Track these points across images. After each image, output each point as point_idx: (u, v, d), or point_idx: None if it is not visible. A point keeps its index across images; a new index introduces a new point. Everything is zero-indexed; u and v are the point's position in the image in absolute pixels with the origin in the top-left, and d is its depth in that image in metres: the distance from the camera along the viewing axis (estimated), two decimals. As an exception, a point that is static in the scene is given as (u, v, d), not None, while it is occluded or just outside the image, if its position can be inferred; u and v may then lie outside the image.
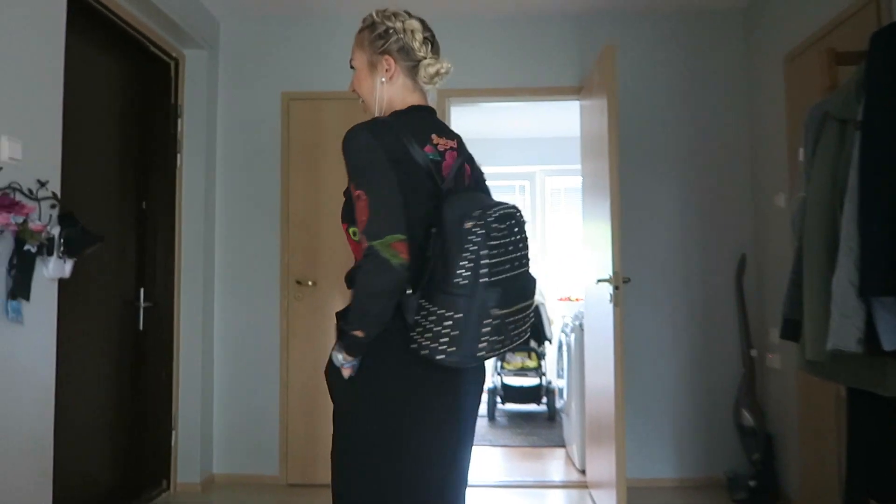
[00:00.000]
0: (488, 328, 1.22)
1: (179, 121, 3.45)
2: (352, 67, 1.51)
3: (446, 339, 1.21)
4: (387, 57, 1.45)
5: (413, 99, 1.47)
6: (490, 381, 5.24)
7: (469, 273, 1.21)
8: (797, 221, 2.03)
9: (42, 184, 2.14)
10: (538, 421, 5.10)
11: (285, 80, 3.66)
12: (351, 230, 1.37)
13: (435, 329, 1.23)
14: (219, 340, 3.60)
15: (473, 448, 1.49)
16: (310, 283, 3.58)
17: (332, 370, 1.36)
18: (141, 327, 3.19)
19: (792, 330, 2.04)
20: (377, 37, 1.45)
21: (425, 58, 1.48)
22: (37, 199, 2.10)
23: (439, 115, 3.63)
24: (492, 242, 1.23)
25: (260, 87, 3.68)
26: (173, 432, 3.34)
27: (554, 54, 3.63)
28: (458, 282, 1.21)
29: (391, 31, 1.45)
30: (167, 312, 3.35)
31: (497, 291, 1.23)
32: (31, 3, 2.13)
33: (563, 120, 5.48)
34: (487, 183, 1.56)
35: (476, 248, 1.22)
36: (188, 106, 3.49)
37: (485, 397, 5.20)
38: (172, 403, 3.35)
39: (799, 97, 2.91)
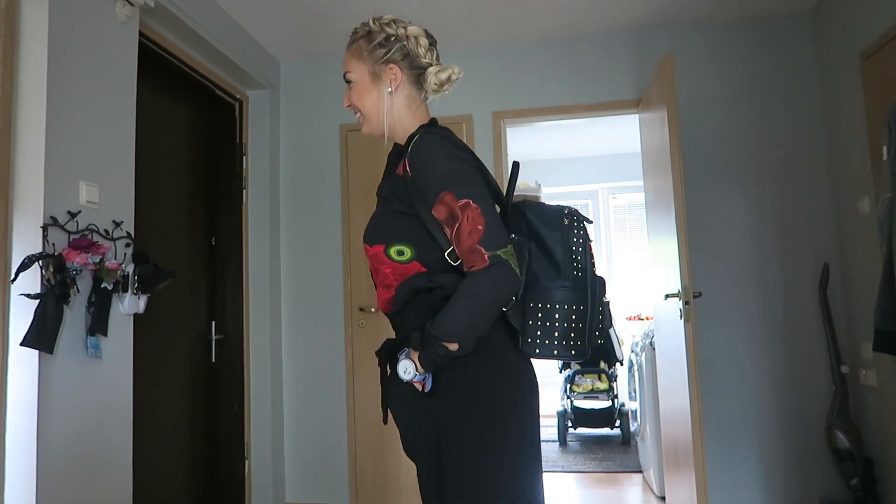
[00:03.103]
0: (600, 316, 1.28)
1: (244, 158, 3.58)
2: (347, 81, 1.41)
3: (568, 334, 1.25)
4: (391, 65, 1.36)
5: (422, 112, 1.41)
6: (560, 405, 5.10)
7: (581, 266, 1.28)
8: (884, 224, 1.88)
9: (117, 224, 2.25)
10: (612, 445, 4.91)
11: (343, 113, 3.75)
12: (394, 250, 1.28)
13: (556, 326, 1.25)
14: (287, 370, 3.66)
15: (543, 474, 1.43)
16: (372, 309, 3.60)
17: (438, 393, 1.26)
18: (213, 359, 3.29)
19: (887, 342, 1.88)
20: (377, 45, 1.36)
21: (431, 64, 1.38)
22: (112, 239, 2.21)
23: (493, 137, 3.66)
24: (585, 236, 1.30)
25: (319, 121, 3.78)
26: (246, 462, 3.41)
27: (609, 69, 3.57)
28: (577, 275, 1.27)
29: (393, 38, 1.35)
30: (238, 344, 3.44)
31: (602, 280, 1.30)
32: (106, 56, 2.27)
33: (624, 136, 5.37)
34: (548, 202, 1.57)
35: (581, 241, 1.29)
36: (252, 143, 3.62)
37: (554, 421, 5.07)
38: (245, 434, 3.42)
39: (880, 95, 2.73)
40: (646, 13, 3.38)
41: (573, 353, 1.24)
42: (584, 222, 1.31)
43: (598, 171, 6.14)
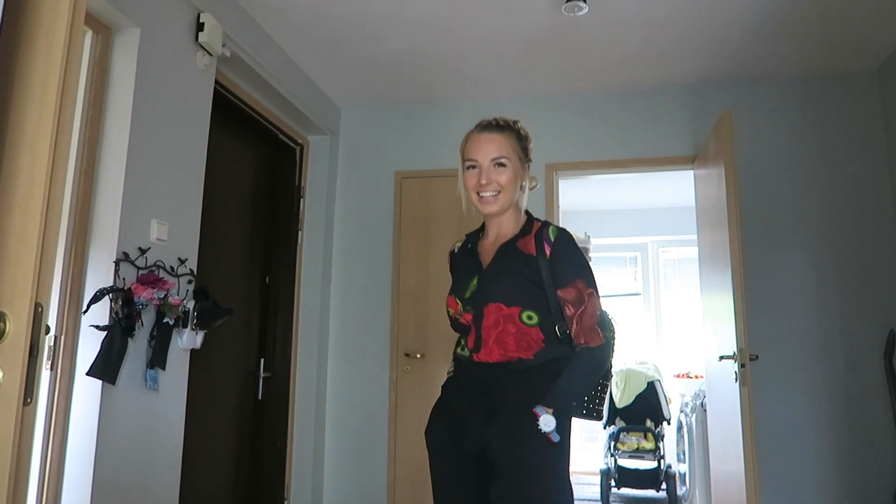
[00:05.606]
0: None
1: (302, 201, 3.69)
2: (501, 165, 1.62)
3: (603, 404, 1.65)
4: (527, 165, 1.68)
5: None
6: (603, 463, 4.93)
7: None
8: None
9: (182, 261, 2.34)
10: (658, 510, 4.70)
11: (399, 160, 3.84)
12: (525, 314, 1.55)
13: (601, 396, 1.65)
14: (330, 411, 3.67)
15: None
16: (418, 355, 3.60)
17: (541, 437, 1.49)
18: (260, 396, 3.33)
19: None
20: (525, 148, 1.67)
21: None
22: (176, 276, 2.30)
23: (545, 189, 3.67)
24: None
25: (375, 167, 3.88)
26: (285, 502, 3.40)
27: (666, 124, 3.57)
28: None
29: (531, 145, 1.69)
30: (284, 383, 3.48)
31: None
32: (184, 102, 2.40)
33: (676, 190, 5.31)
34: (594, 255, 1.80)
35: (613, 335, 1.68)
36: (310, 187, 3.74)
37: (597, 479, 4.89)
38: (286, 473, 3.42)
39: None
40: (706, 69, 3.39)
41: (600, 419, 1.66)
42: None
43: (648, 223, 6.07)
